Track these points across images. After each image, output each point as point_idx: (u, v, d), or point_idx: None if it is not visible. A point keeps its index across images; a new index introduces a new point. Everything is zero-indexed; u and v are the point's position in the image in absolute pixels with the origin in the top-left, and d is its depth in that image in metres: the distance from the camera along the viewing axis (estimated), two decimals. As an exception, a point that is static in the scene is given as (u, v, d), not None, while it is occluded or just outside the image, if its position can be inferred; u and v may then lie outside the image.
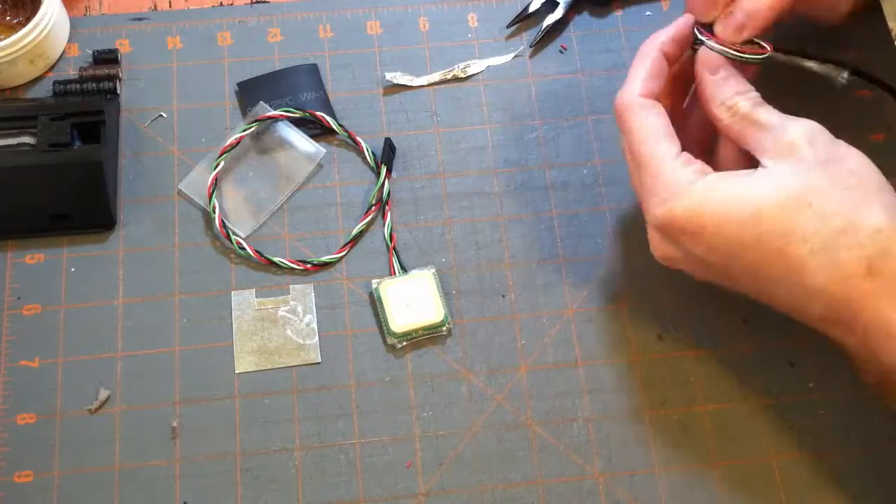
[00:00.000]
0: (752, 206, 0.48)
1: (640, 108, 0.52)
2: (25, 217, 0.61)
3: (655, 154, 0.51)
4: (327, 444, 0.57)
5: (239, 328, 0.59)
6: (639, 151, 0.52)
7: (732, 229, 0.49)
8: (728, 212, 0.49)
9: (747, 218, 0.48)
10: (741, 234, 0.48)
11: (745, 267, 0.49)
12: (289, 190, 0.63)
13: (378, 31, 0.68)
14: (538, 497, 0.55)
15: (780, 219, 0.48)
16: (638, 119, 0.52)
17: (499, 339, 0.59)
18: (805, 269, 0.47)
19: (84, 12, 0.69)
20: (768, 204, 0.48)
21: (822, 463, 0.56)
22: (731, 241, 0.49)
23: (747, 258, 0.49)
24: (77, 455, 0.56)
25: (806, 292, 0.48)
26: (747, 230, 0.48)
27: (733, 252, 0.49)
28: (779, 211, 0.48)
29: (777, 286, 0.49)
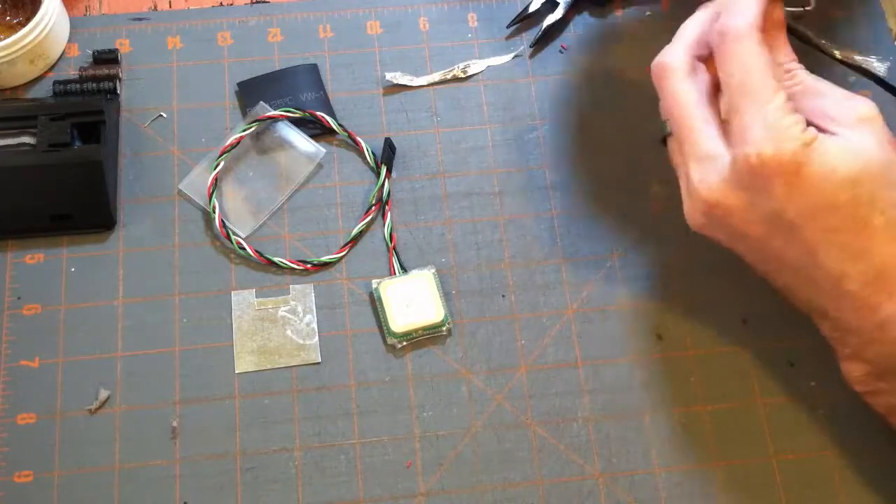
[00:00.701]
0: (852, 170, 0.48)
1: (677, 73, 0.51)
2: (25, 217, 0.61)
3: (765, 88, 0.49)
4: (327, 444, 0.57)
5: (239, 328, 0.59)
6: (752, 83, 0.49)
7: (832, 187, 0.48)
8: (834, 168, 0.47)
9: (848, 179, 0.47)
10: (837, 195, 0.48)
11: (820, 226, 0.48)
12: (289, 190, 0.63)
13: (378, 31, 0.68)
14: (538, 497, 0.55)
15: (869, 189, 0.48)
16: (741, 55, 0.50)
17: (499, 339, 0.59)
18: (875, 237, 0.48)
19: (84, 12, 0.69)
20: (863, 172, 0.48)
21: (822, 463, 0.56)
22: (825, 197, 0.48)
23: (828, 219, 0.48)
24: (77, 455, 0.56)
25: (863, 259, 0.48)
26: (843, 192, 0.48)
27: (820, 208, 0.48)
28: (871, 181, 0.48)
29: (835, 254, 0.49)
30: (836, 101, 0.51)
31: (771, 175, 0.48)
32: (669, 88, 0.52)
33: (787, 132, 0.48)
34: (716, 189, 0.50)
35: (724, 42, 0.50)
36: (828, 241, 0.49)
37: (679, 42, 0.53)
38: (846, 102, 0.50)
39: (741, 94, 0.49)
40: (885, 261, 0.48)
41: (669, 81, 0.52)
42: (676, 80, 0.52)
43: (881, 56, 0.56)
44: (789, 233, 0.49)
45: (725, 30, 0.50)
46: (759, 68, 0.49)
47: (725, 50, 0.50)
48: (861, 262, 0.48)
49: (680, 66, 0.52)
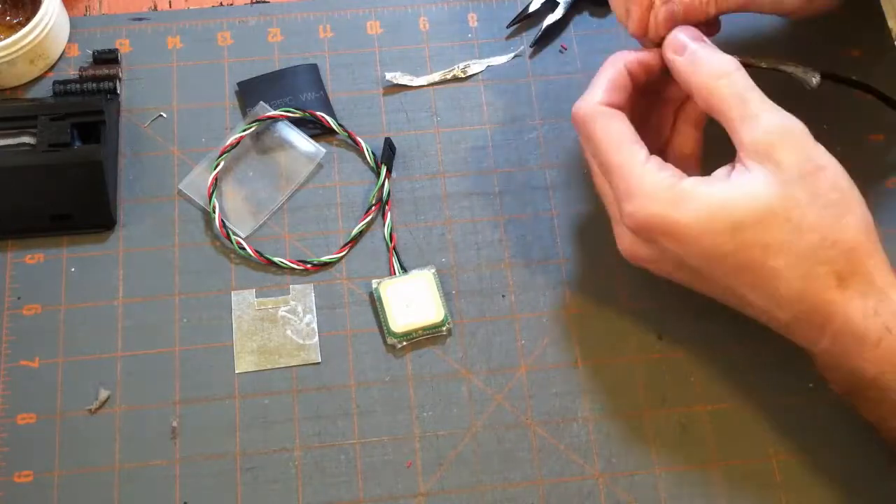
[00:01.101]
0: (733, 217, 0.48)
1: (603, 116, 0.53)
2: (25, 217, 0.61)
3: (627, 159, 0.51)
4: (327, 444, 0.57)
5: (239, 328, 0.59)
6: (607, 157, 0.52)
7: (712, 238, 0.49)
8: (709, 220, 0.49)
9: (728, 228, 0.48)
10: (721, 243, 0.49)
11: (720, 272, 0.50)
12: (289, 190, 0.63)
13: (378, 31, 0.68)
14: (538, 497, 0.55)
15: (759, 231, 0.48)
16: (602, 126, 0.52)
17: (499, 339, 0.59)
18: (779, 280, 0.48)
19: (84, 12, 0.69)
20: (749, 216, 0.48)
21: (822, 463, 0.56)
22: (710, 248, 0.49)
23: (724, 265, 0.49)
24: (77, 455, 0.56)
25: (778, 300, 0.49)
26: (727, 240, 0.49)
27: (711, 257, 0.49)
28: (759, 223, 0.48)
29: (750, 292, 0.50)
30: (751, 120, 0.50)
31: (655, 235, 0.50)
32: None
33: (656, 195, 0.49)
34: (626, 247, 0.53)
35: (577, 125, 0.53)
36: (737, 282, 0.50)
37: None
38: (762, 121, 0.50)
39: (606, 168, 0.52)
40: (799, 299, 0.48)
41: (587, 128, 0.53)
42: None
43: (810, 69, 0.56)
44: (702, 276, 0.51)
45: (573, 114, 0.54)
46: (611, 143, 0.52)
47: (580, 132, 0.53)
48: (777, 301, 0.49)
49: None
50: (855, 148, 0.64)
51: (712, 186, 0.50)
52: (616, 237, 0.54)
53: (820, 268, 0.48)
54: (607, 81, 0.54)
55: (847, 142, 0.65)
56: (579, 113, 0.53)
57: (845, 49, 0.67)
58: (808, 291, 0.48)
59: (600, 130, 0.52)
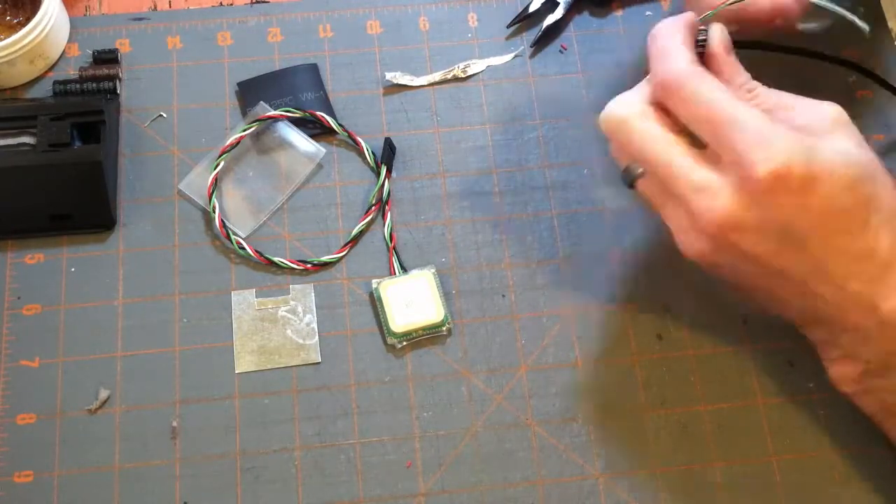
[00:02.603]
0: (852, 170, 0.48)
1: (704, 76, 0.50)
2: (25, 217, 0.61)
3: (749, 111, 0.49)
4: (327, 444, 0.57)
5: (239, 328, 0.59)
6: (730, 114, 0.49)
7: (836, 190, 0.48)
8: (841, 172, 0.48)
9: (853, 182, 0.48)
10: (841, 197, 0.48)
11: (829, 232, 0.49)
12: (289, 190, 0.63)
13: (378, 31, 0.68)
14: (538, 497, 0.55)
15: (867, 186, 0.49)
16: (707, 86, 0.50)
17: (499, 339, 0.59)
18: (878, 236, 0.49)
19: (84, 12, 0.69)
20: (861, 170, 0.48)
21: (822, 463, 0.56)
22: (835, 203, 0.48)
23: (838, 223, 0.48)
24: (77, 455, 0.56)
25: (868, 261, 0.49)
26: (847, 193, 0.48)
27: (831, 213, 0.48)
28: (869, 180, 0.49)
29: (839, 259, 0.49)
30: (805, 109, 0.50)
31: (783, 188, 0.47)
32: (635, 133, 0.51)
33: (787, 144, 0.47)
34: (726, 214, 0.49)
35: (672, 93, 0.50)
36: (835, 246, 0.49)
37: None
38: (815, 109, 0.50)
39: (719, 127, 0.49)
40: (886, 255, 0.49)
41: (632, 126, 0.51)
42: (639, 123, 0.51)
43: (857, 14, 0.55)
44: (799, 245, 0.49)
45: (665, 81, 0.50)
46: (720, 98, 0.49)
47: (677, 98, 0.50)
48: (865, 261, 0.49)
49: (637, 110, 0.51)
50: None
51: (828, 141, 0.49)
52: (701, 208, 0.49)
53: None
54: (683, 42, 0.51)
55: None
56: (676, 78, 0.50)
57: (845, 49, 0.67)
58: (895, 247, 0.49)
59: (706, 90, 0.49)
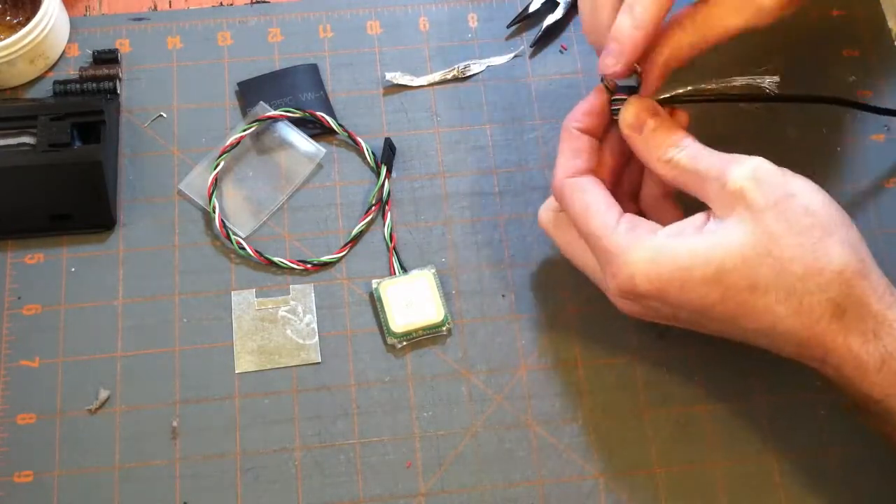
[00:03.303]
0: (712, 266, 0.48)
1: (570, 188, 0.53)
2: (25, 217, 0.61)
3: (600, 225, 0.51)
4: (327, 444, 0.57)
5: (239, 328, 0.59)
6: (583, 228, 0.52)
7: (696, 289, 0.48)
8: (689, 273, 0.48)
9: (710, 277, 0.48)
10: (706, 293, 0.48)
11: (715, 318, 0.49)
12: (289, 190, 0.63)
13: (378, 31, 0.68)
14: (538, 497, 0.55)
15: (742, 273, 0.47)
16: (571, 198, 0.53)
17: (499, 339, 0.59)
18: (774, 317, 0.48)
19: (84, 12, 0.69)
20: (728, 261, 0.48)
21: (822, 463, 0.56)
22: (696, 299, 0.49)
23: (716, 312, 0.49)
24: (77, 455, 0.56)
25: (776, 338, 0.49)
26: (711, 288, 0.48)
27: (699, 310, 0.49)
28: (740, 266, 0.47)
29: (747, 334, 0.50)
30: (714, 180, 0.49)
31: (643, 298, 0.50)
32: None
33: (631, 258, 0.49)
34: (618, 306, 0.53)
35: (557, 195, 0.54)
36: (734, 327, 0.49)
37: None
38: (722, 177, 0.49)
39: (585, 235, 0.52)
40: (796, 334, 0.48)
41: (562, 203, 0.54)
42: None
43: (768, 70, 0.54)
44: (700, 325, 0.51)
45: (551, 187, 0.54)
46: (585, 211, 0.52)
47: (560, 203, 0.54)
48: (776, 337, 0.49)
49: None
50: (855, 149, 0.64)
51: (687, 240, 0.49)
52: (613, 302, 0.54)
53: (811, 298, 0.47)
54: (566, 151, 0.54)
55: (847, 142, 0.65)
56: (554, 191, 0.54)
57: (845, 49, 0.67)
58: (804, 326, 0.47)
59: (571, 203, 0.53)
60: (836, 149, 0.64)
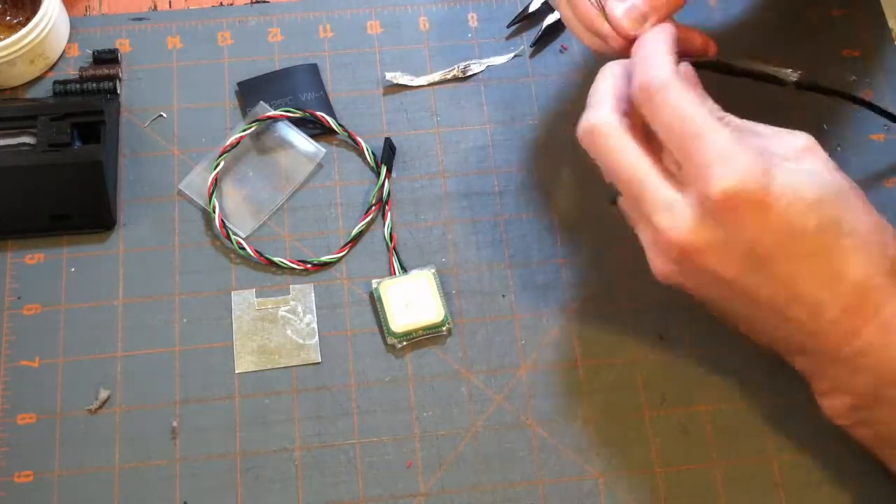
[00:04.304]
0: (816, 193, 0.48)
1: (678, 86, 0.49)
2: (25, 217, 0.61)
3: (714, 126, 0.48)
4: (327, 444, 0.57)
5: (239, 328, 0.59)
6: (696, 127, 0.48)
7: (799, 212, 0.47)
8: (799, 193, 0.47)
9: (813, 203, 0.47)
10: (805, 220, 0.47)
11: (793, 255, 0.48)
12: (289, 190, 0.63)
13: (378, 31, 0.68)
14: (538, 497, 0.55)
15: (834, 211, 0.48)
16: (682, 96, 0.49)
17: (499, 339, 0.59)
18: (848, 261, 0.48)
19: (84, 12, 0.69)
20: (827, 195, 0.48)
21: (822, 463, 0.56)
22: (794, 223, 0.47)
23: (800, 246, 0.48)
24: (77, 455, 0.56)
25: (839, 286, 0.48)
26: (811, 215, 0.47)
27: (792, 235, 0.48)
28: (834, 203, 0.48)
29: (808, 283, 0.49)
30: (774, 136, 0.50)
31: (740, 207, 0.47)
32: (609, 148, 0.51)
33: (746, 162, 0.47)
34: (687, 232, 0.49)
35: (651, 97, 0.50)
36: (803, 269, 0.48)
37: (602, 102, 0.51)
38: (784, 136, 0.50)
39: (687, 138, 0.49)
40: (861, 282, 0.48)
41: (606, 142, 0.51)
42: (613, 139, 0.51)
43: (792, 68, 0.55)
44: (764, 267, 0.49)
45: (647, 85, 0.50)
46: (695, 111, 0.49)
47: (655, 104, 0.50)
48: (837, 286, 0.48)
49: (613, 124, 0.51)
50: (855, 148, 0.65)
51: (793, 163, 0.49)
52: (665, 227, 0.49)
53: (877, 250, 0.48)
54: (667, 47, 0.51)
55: (847, 142, 0.65)
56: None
57: (845, 49, 0.67)
58: (868, 276, 0.48)
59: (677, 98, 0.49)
60: (837, 148, 0.64)
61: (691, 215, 0.48)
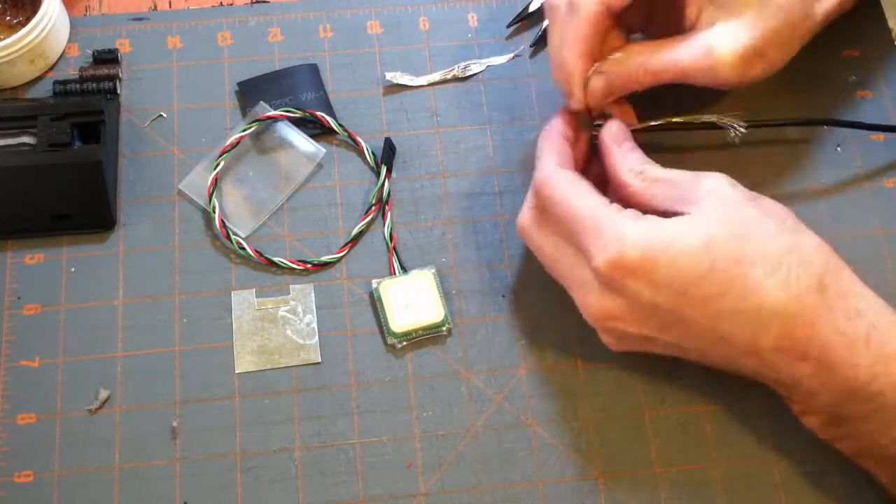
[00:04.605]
0: (700, 239, 0.49)
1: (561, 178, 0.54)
2: (25, 217, 0.61)
3: (591, 207, 0.52)
4: (327, 444, 0.57)
5: (239, 328, 0.59)
6: (574, 213, 0.52)
7: (685, 262, 0.49)
8: (679, 246, 0.49)
9: (699, 249, 0.49)
10: (695, 266, 0.49)
11: (699, 301, 0.49)
12: (289, 190, 0.63)
13: (378, 31, 0.68)
14: (538, 497, 0.55)
15: (729, 248, 0.49)
16: (563, 186, 0.53)
17: (499, 339, 0.59)
18: (762, 290, 0.48)
19: (84, 12, 0.69)
20: (717, 235, 0.49)
21: (821, 463, 0.56)
22: (685, 274, 0.49)
23: (702, 291, 0.49)
24: (77, 455, 0.56)
25: (761, 320, 0.49)
26: (701, 261, 0.49)
27: (688, 284, 0.49)
28: (727, 241, 0.49)
29: (731, 321, 0.49)
30: (685, 184, 0.52)
31: (623, 276, 0.50)
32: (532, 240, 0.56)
33: (619, 235, 0.50)
34: (596, 307, 0.52)
35: (539, 193, 0.54)
36: (716, 311, 0.49)
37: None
38: (693, 182, 0.52)
39: (571, 222, 0.52)
40: (784, 308, 0.48)
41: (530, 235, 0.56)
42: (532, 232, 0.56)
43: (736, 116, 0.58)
44: (678, 320, 0.51)
45: (534, 184, 0.55)
46: (574, 195, 0.53)
47: (544, 198, 0.54)
48: (760, 318, 0.49)
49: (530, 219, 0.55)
50: (855, 148, 0.64)
51: (674, 220, 0.51)
52: (581, 305, 0.53)
53: (797, 270, 0.48)
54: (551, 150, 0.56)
55: (847, 142, 0.65)
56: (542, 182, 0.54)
57: (845, 49, 0.67)
58: (791, 299, 0.48)
59: (561, 190, 0.53)
60: (836, 148, 0.64)
61: (597, 289, 0.52)
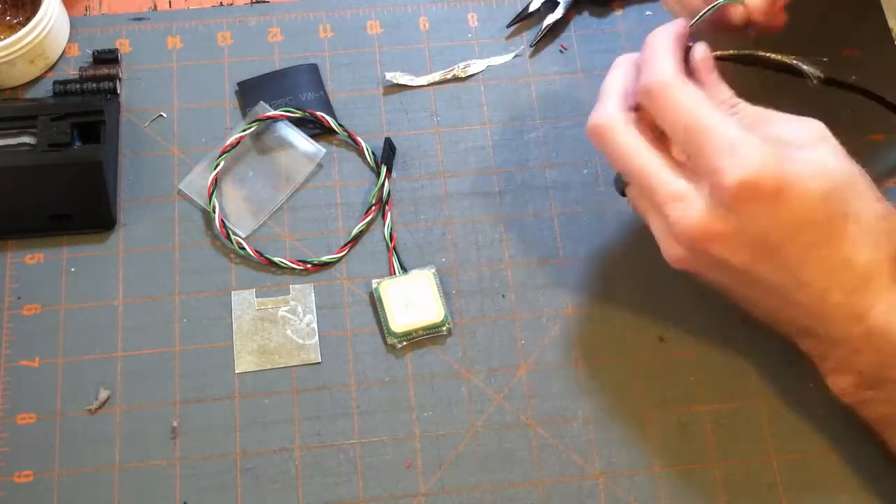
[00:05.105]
0: (823, 185, 0.48)
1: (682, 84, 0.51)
2: (25, 217, 0.61)
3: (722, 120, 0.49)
4: (327, 444, 0.57)
5: (239, 328, 0.59)
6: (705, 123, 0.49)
7: (808, 203, 0.48)
8: (809, 185, 0.48)
9: (820, 195, 0.48)
10: (813, 211, 0.48)
11: (804, 245, 0.49)
12: (289, 190, 0.63)
13: (378, 31, 0.68)
14: (538, 497, 0.55)
15: (841, 199, 0.49)
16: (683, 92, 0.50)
17: (499, 339, 0.59)
18: (854, 249, 0.49)
19: (84, 12, 0.69)
20: (835, 186, 0.49)
21: (822, 463, 0.56)
22: (803, 214, 0.48)
23: (808, 236, 0.49)
24: (77, 455, 0.56)
25: (843, 275, 0.49)
26: (819, 207, 0.48)
27: (802, 225, 0.48)
28: (843, 191, 0.49)
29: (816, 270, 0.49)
30: (787, 124, 0.51)
31: (753, 198, 0.48)
32: (617, 144, 0.52)
33: (758, 153, 0.48)
34: (700, 222, 0.50)
35: (655, 98, 0.51)
36: (810, 257, 0.49)
37: (609, 99, 0.53)
38: (798, 124, 0.51)
39: (696, 133, 0.49)
40: (866, 267, 0.49)
41: (614, 137, 0.52)
42: (621, 134, 0.52)
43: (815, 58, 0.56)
44: (774, 255, 0.50)
45: (650, 87, 0.51)
46: (700, 106, 0.50)
47: (659, 105, 0.51)
48: (843, 272, 0.49)
49: (619, 120, 0.52)
50: (855, 148, 0.64)
51: (804, 152, 0.49)
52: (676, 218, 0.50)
53: (884, 237, 0.49)
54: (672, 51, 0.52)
55: (847, 142, 0.65)
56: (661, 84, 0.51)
57: (845, 49, 0.67)
58: (872, 264, 0.49)
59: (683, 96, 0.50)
60: (836, 149, 0.64)
61: (704, 206, 0.49)
